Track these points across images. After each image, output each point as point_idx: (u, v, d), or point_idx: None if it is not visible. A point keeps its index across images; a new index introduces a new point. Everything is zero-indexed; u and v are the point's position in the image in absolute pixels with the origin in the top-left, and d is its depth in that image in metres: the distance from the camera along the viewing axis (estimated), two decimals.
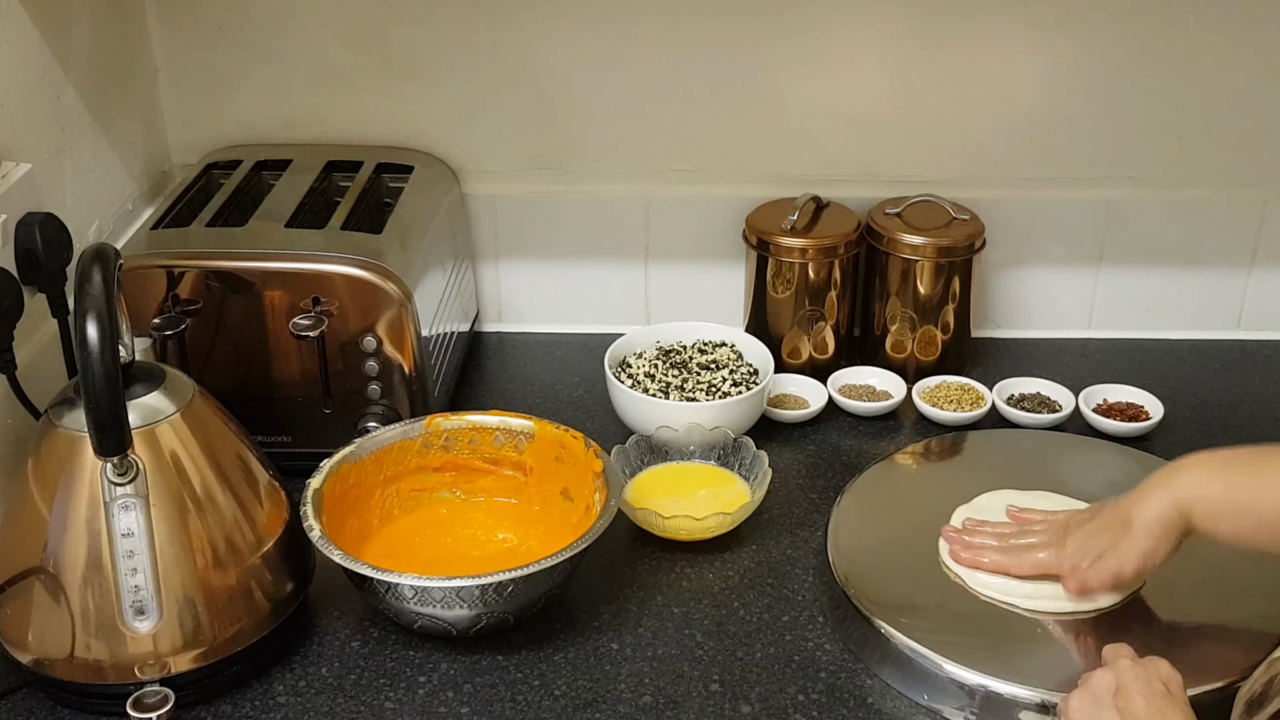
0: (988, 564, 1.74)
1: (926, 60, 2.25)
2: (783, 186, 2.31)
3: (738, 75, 2.26)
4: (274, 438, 1.95)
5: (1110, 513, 1.66)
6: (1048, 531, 1.73)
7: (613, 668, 1.67)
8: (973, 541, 1.77)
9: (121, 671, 1.54)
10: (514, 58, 2.25)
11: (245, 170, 2.18)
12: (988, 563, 1.74)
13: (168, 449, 1.54)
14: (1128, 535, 1.61)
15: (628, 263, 2.39)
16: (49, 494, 1.52)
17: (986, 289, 2.38)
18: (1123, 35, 2.22)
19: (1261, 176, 2.33)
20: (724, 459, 1.99)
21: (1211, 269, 2.39)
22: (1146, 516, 1.60)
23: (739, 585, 1.82)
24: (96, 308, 1.40)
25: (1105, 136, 2.30)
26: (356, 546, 1.73)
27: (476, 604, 1.60)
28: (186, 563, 1.53)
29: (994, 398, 2.17)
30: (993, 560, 1.74)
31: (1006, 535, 1.77)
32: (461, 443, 1.87)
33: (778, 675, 1.66)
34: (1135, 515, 1.61)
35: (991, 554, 1.74)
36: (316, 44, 2.24)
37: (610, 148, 2.32)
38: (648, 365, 2.14)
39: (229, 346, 1.93)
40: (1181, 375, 2.32)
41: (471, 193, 2.35)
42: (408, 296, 1.91)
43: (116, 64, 2.13)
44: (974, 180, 2.32)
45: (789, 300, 2.22)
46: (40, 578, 1.52)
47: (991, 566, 1.73)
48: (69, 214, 1.88)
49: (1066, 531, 1.70)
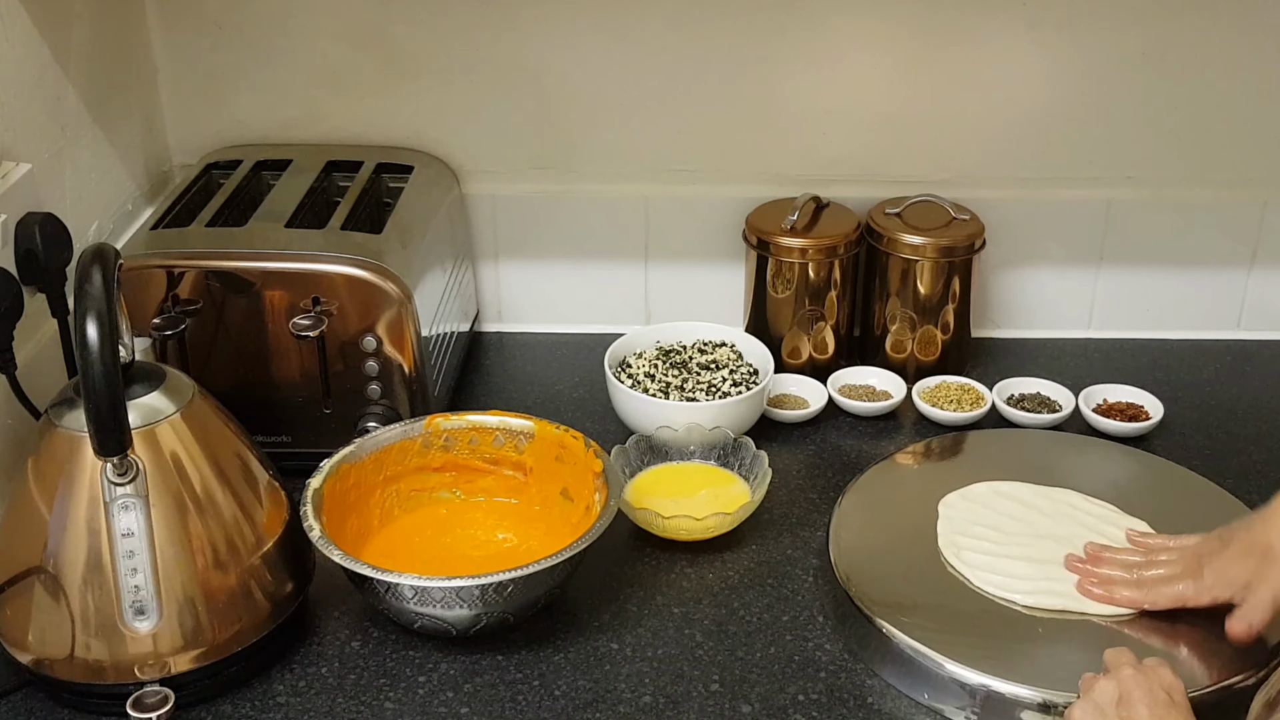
0: (1122, 599, 1.69)
1: (926, 60, 2.25)
2: (782, 186, 2.31)
3: (737, 75, 2.26)
4: (274, 438, 1.95)
5: (1245, 538, 1.62)
6: (1181, 561, 1.69)
7: (613, 668, 1.67)
8: (1099, 572, 1.72)
9: (121, 671, 1.54)
10: (513, 58, 2.25)
11: (245, 170, 2.18)
12: (1122, 598, 1.69)
13: (168, 449, 1.54)
14: (1271, 562, 1.58)
15: (628, 263, 2.39)
16: (49, 494, 1.52)
17: (986, 289, 2.38)
18: (1122, 36, 2.22)
19: (1261, 176, 2.33)
20: (724, 459, 1.99)
21: (1211, 269, 2.39)
22: None
23: (739, 585, 1.81)
24: (96, 308, 1.40)
25: (1105, 137, 2.30)
26: (356, 546, 1.73)
27: (476, 604, 1.59)
28: (186, 563, 1.54)
29: (994, 398, 2.17)
30: (1128, 596, 1.68)
31: (1135, 565, 1.72)
32: (461, 443, 1.87)
33: (778, 675, 1.66)
34: (1275, 539, 1.58)
35: (1125, 589, 1.69)
36: (316, 44, 2.24)
37: (610, 148, 2.32)
38: (648, 365, 2.14)
39: (229, 346, 1.93)
40: (1182, 375, 2.32)
41: (471, 193, 2.35)
42: (408, 296, 1.91)
43: (116, 64, 2.13)
44: (974, 180, 2.33)
45: (789, 300, 2.22)
46: (40, 578, 1.52)
47: (1126, 602, 1.68)
48: (69, 214, 1.88)
49: (1200, 560, 1.66)
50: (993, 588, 1.71)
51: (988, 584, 1.72)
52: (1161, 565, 1.70)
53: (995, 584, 1.72)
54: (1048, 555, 1.77)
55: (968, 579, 1.73)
